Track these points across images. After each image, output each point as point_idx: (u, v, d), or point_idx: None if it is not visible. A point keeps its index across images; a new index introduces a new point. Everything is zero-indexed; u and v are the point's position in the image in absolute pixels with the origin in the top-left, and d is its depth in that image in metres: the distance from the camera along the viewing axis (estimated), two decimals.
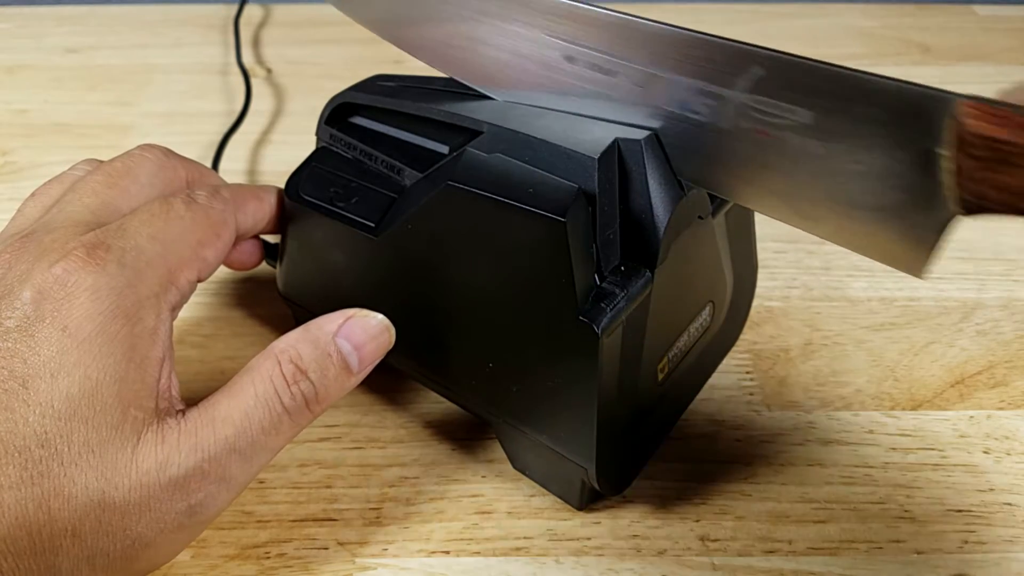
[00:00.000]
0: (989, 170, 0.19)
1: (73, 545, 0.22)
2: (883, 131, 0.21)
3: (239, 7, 0.63)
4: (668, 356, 0.29)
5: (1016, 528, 0.30)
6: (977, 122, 0.19)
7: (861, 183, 0.22)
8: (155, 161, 0.29)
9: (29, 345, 0.22)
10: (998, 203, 0.20)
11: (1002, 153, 0.19)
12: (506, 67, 0.27)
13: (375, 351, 0.27)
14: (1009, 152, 0.19)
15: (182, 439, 0.23)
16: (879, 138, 0.21)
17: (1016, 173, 0.19)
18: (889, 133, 0.21)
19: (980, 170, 0.19)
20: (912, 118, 0.20)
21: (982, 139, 0.19)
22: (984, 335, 0.37)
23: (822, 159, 0.22)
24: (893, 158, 0.21)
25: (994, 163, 0.19)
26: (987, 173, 0.19)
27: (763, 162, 0.23)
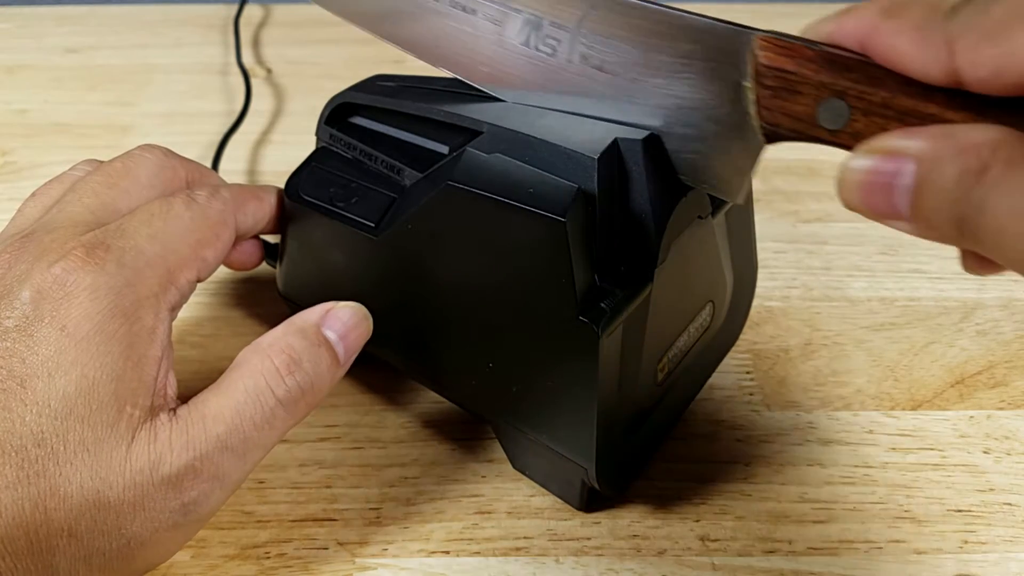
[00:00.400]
0: (779, 98, 0.21)
1: (69, 545, 0.22)
2: (699, 65, 0.23)
3: (239, 7, 0.63)
4: (668, 356, 0.29)
5: (1016, 528, 0.30)
6: (768, 54, 0.21)
7: (684, 115, 0.24)
8: (155, 161, 0.29)
9: (28, 345, 0.22)
10: (790, 130, 0.22)
11: (789, 82, 0.21)
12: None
13: (357, 340, 0.27)
14: (794, 81, 0.21)
15: (174, 437, 0.23)
16: (695, 72, 0.23)
17: (800, 100, 0.21)
18: (704, 67, 0.23)
19: (772, 98, 0.21)
20: (721, 52, 0.22)
21: (772, 70, 0.21)
22: (984, 335, 0.37)
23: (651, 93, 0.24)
24: (708, 90, 0.23)
25: (783, 91, 0.21)
26: (778, 101, 0.21)
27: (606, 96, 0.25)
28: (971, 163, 0.16)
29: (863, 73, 0.20)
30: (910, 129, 0.18)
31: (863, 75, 0.20)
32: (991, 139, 0.16)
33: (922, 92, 0.19)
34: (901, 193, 0.17)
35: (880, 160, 0.18)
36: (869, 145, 0.18)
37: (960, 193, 0.16)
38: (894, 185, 0.18)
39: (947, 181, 0.17)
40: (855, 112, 0.20)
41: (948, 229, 0.17)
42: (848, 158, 0.19)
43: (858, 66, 0.20)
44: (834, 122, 0.21)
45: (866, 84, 0.20)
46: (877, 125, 0.20)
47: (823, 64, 0.20)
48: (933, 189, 0.17)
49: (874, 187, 0.18)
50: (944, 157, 0.17)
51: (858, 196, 0.18)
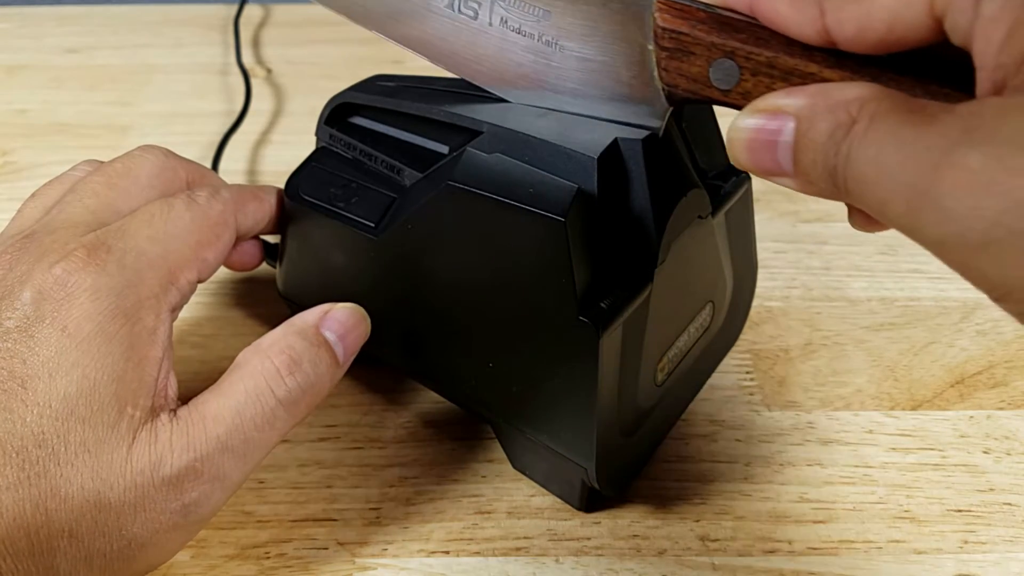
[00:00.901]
0: (675, 59, 0.22)
1: (70, 546, 0.22)
2: (606, 28, 0.24)
3: (239, 7, 0.63)
4: (668, 356, 0.29)
5: (1016, 528, 0.30)
6: (664, 15, 0.22)
7: (593, 77, 0.25)
8: (155, 162, 0.29)
9: (29, 346, 0.22)
10: (687, 91, 0.23)
11: (683, 43, 0.22)
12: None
13: (356, 341, 0.27)
14: (688, 42, 0.22)
15: (175, 438, 0.23)
16: (603, 35, 0.24)
17: (694, 61, 0.22)
18: (611, 30, 0.23)
19: (669, 59, 0.22)
20: (627, 16, 0.23)
21: (668, 31, 0.22)
22: (984, 335, 0.37)
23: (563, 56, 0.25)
24: (616, 53, 0.24)
25: (678, 52, 0.22)
26: (674, 62, 0.22)
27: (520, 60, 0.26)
28: (841, 118, 0.17)
29: (751, 34, 0.21)
30: (791, 89, 0.19)
31: (751, 36, 0.21)
32: (859, 95, 0.17)
33: (803, 52, 0.20)
34: (783, 149, 0.18)
35: (764, 118, 0.19)
36: (754, 104, 0.19)
37: (831, 146, 0.17)
38: (777, 142, 0.18)
39: (820, 135, 0.18)
40: (744, 72, 0.21)
41: (824, 183, 0.18)
42: (736, 117, 0.20)
43: (746, 27, 0.21)
44: (726, 82, 0.22)
45: (753, 44, 0.21)
46: (764, 85, 0.21)
47: (714, 25, 0.21)
48: (809, 144, 0.18)
49: (759, 144, 0.19)
50: (818, 113, 0.18)
51: (745, 154, 0.19)
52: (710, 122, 0.29)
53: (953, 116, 0.16)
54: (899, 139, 0.16)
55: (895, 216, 0.17)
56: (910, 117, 0.16)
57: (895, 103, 0.17)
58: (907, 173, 0.16)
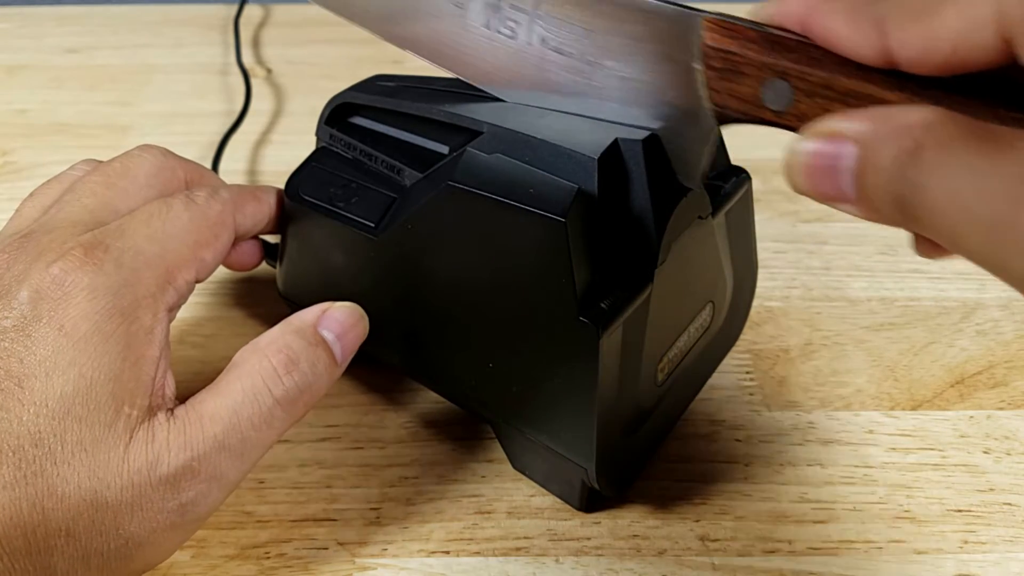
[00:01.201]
0: (726, 79, 0.22)
1: (68, 545, 0.22)
2: (650, 47, 0.23)
3: (239, 7, 0.63)
4: (668, 356, 0.29)
5: (1016, 528, 0.30)
6: (713, 35, 0.21)
7: (637, 97, 0.24)
8: (154, 162, 0.29)
9: (25, 345, 0.22)
10: (737, 111, 0.22)
11: (733, 63, 0.21)
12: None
13: (354, 340, 0.27)
14: (738, 62, 0.21)
15: (172, 437, 0.23)
16: (647, 54, 0.23)
17: (745, 81, 0.21)
18: (656, 49, 0.23)
19: (719, 80, 0.22)
20: (672, 35, 0.22)
21: (718, 51, 0.21)
22: (984, 335, 0.37)
23: (605, 76, 0.24)
24: (661, 72, 0.23)
25: (728, 72, 0.22)
26: (724, 83, 0.22)
27: (560, 80, 0.25)
28: (906, 143, 0.16)
29: (804, 54, 0.20)
30: (851, 111, 0.18)
31: (804, 55, 0.20)
32: (925, 119, 0.17)
33: (861, 73, 0.19)
34: (845, 175, 0.18)
35: (823, 143, 0.18)
36: (812, 128, 0.19)
37: (897, 174, 0.17)
38: (838, 167, 0.18)
39: (885, 162, 0.17)
40: (798, 93, 0.21)
41: (890, 210, 0.17)
42: (793, 141, 0.19)
43: (799, 47, 0.20)
44: (778, 103, 0.21)
45: (807, 65, 0.20)
46: (820, 106, 0.20)
47: (765, 45, 0.21)
48: (873, 170, 0.17)
49: (819, 170, 0.18)
50: (881, 138, 0.17)
51: (804, 179, 0.19)
52: None
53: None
54: (972, 168, 0.16)
55: (972, 249, 0.16)
56: (982, 145, 0.16)
57: (963, 128, 0.16)
58: (985, 205, 0.15)
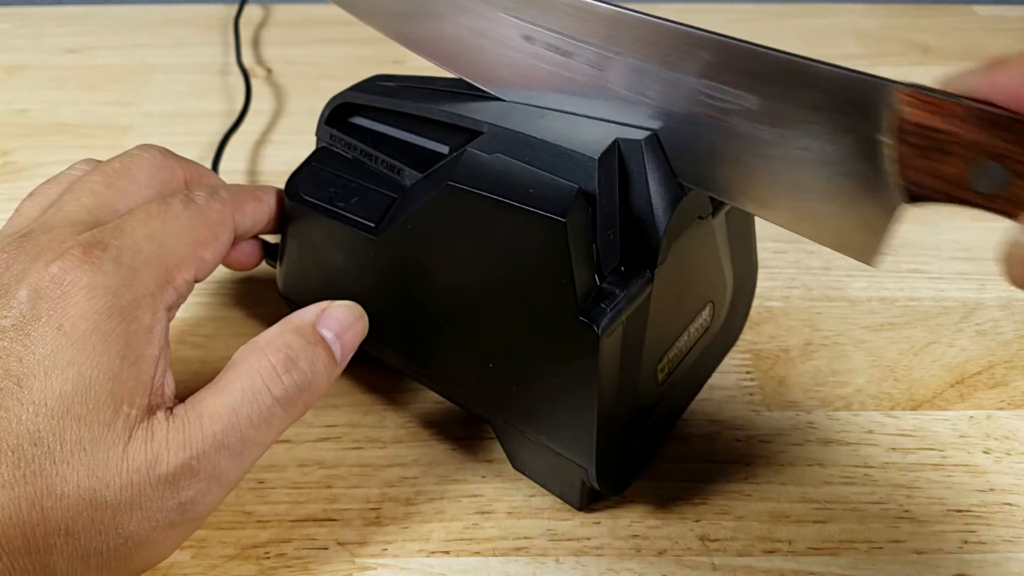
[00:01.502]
0: (926, 158, 0.20)
1: (67, 544, 0.22)
2: (826, 117, 0.21)
3: (239, 7, 0.63)
4: (668, 356, 0.29)
5: (1016, 528, 0.30)
6: (913, 110, 0.19)
7: (809, 169, 0.22)
8: (153, 161, 0.29)
9: (24, 344, 0.22)
10: (936, 191, 0.20)
11: (937, 141, 0.19)
12: (467, 46, 0.27)
13: (353, 339, 0.27)
14: (943, 140, 0.19)
15: (171, 436, 0.23)
16: (822, 124, 0.21)
17: (950, 161, 0.19)
18: (832, 119, 0.21)
19: (917, 158, 0.20)
20: (852, 105, 0.21)
21: (918, 127, 0.19)
22: (984, 335, 0.37)
23: (770, 144, 0.22)
24: (837, 144, 0.21)
25: (930, 151, 0.20)
26: (924, 161, 0.20)
27: (714, 147, 0.24)
28: None
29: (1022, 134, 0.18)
30: None
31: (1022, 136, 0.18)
32: None
33: None
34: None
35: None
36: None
37: None
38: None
39: None
40: (1014, 177, 0.19)
41: None
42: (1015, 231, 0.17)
43: (1016, 125, 0.18)
44: (990, 186, 0.19)
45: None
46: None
47: (977, 123, 0.19)
48: None
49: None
50: None
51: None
52: None
53: None
54: None
55: None
56: None
57: None
58: None
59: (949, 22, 0.66)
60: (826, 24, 0.66)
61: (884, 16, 0.67)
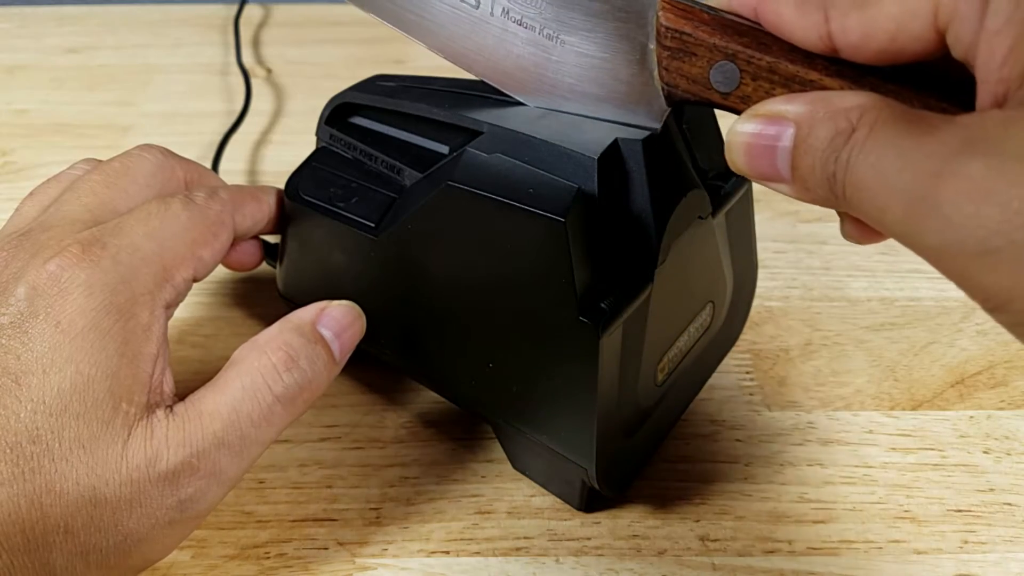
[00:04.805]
0: (677, 59, 0.22)
1: (66, 541, 0.22)
2: (608, 25, 0.23)
3: (239, 7, 0.63)
4: (668, 356, 0.29)
5: (1016, 528, 0.30)
6: (668, 15, 0.22)
7: (592, 74, 0.25)
8: (153, 161, 0.29)
9: (23, 341, 0.22)
10: (687, 92, 0.23)
11: (686, 44, 0.22)
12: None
13: (352, 338, 0.27)
14: (691, 43, 0.22)
15: (171, 434, 0.23)
16: (605, 32, 0.24)
17: (696, 62, 0.22)
18: (614, 27, 0.23)
19: (671, 59, 0.22)
20: (630, 14, 0.23)
21: (671, 31, 0.22)
22: (984, 335, 0.37)
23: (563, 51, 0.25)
24: (616, 50, 0.24)
25: (680, 52, 0.22)
26: (676, 62, 0.22)
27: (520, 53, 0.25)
28: (841, 125, 0.17)
29: (753, 38, 0.21)
30: (792, 95, 0.19)
31: (753, 40, 0.21)
32: (860, 103, 0.17)
33: (805, 59, 0.20)
34: (782, 155, 0.19)
35: (763, 123, 0.19)
36: (754, 109, 0.19)
37: (830, 153, 0.18)
38: (776, 147, 0.19)
39: (820, 142, 0.18)
40: (744, 76, 0.21)
41: (822, 190, 0.18)
42: (735, 122, 0.20)
43: (749, 31, 0.21)
44: (726, 85, 0.22)
45: (755, 49, 0.21)
46: (764, 90, 0.21)
47: (717, 27, 0.21)
48: (808, 151, 0.18)
49: (757, 149, 0.19)
50: (818, 120, 0.18)
51: (743, 158, 0.19)
52: (710, 123, 0.29)
53: (954, 126, 0.16)
54: (899, 147, 0.16)
55: (893, 223, 0.17)
56: (910, 127, 0.17)
57: (895, 112, 0.17)
58: (906, 180, 0.16)
59: None
60: None
61: None
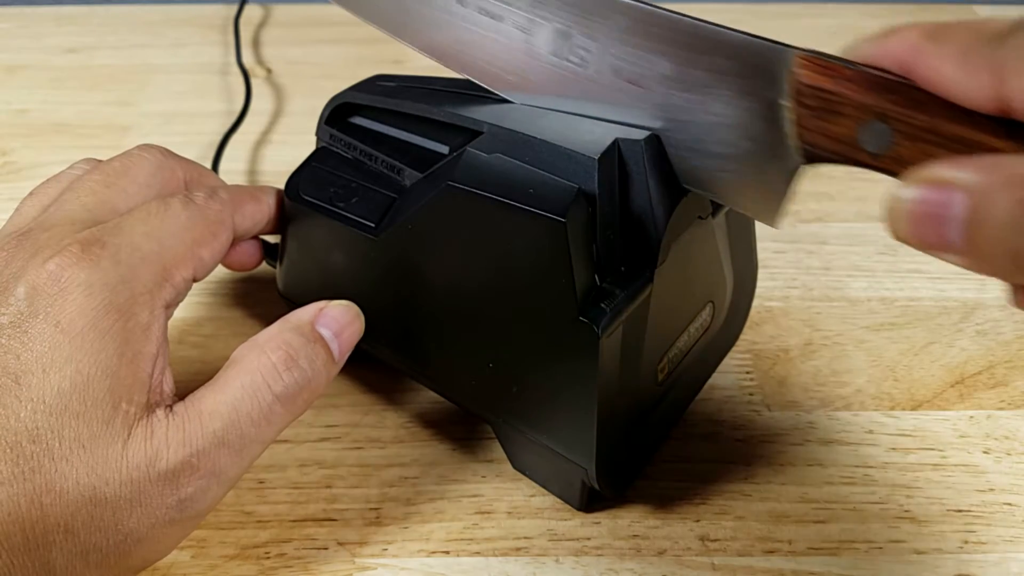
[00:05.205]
0: (819, 119, 0.21)
1: (66, 541, 0.22)
2: (734, 82, 0.22)
3: (239, 7, 0.63)
4: (668, 356, 0.29)
5: (1016, 528, 0.30)
6: (808, 72, 0.21)
7: (717, 133, 0.23)
8: (153, 161, 0.29)
9: (22, 341, 0.22)
10: (829, 151, 0.21)
11: (829, 102, 0.21)
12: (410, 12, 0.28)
13: (351, 338, 0.27)
14: (834, 101, 0.20)
15: (171, 433, 0.23)
16: (730, 88, 0.22)
17: (841, 121, 0.20)
18: (739, 84, 0.22)
19: (812, 119, 0.21)
20: (757, 69, 0.22)
21: (812, 89, 0.21)
22: (984, 335, 0.37)
23: (683, 109, 0.23)
24: (743, 108, 0.22)
25: (823, 112, 0.21)
26: (818, 122, 0.21)
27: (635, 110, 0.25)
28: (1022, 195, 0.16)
29: (906, 96, 0.19)
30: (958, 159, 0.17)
31: (906, 98, 0.19)
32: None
33: (968, 118, 0.19)
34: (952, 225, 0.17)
35: (929, 190, 0.17)
36: (917, 175, 0.18)
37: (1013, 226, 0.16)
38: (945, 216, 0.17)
39: (1000, 212, 0.16)
40: (898, 136, 0.20)
41: (1005, 263, 0.17)
42: (896, 187, 0.18)
43: (901, 88, 0.19)
44: (876, 145, 0.20)
45: (910, 107, 0.19)
46: (921, 151, 0.19)
47: (864, 85, 0.20)
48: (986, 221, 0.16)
49: (924, 218, 0.17)
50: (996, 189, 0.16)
51: (907, 227, 0.18)
52: None
53: None
54: None
55: None
56: None
57: None
58: None
59: None
60: (826, 24, 0.66)
61: (884, 16, 0.67)
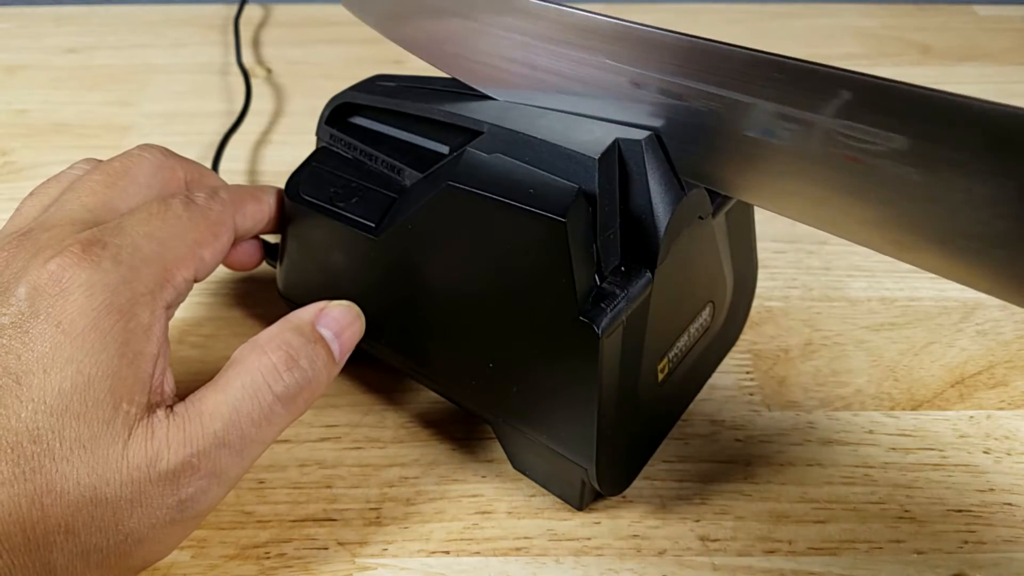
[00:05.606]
0: None
1: (67, 541, 0.22)
2: (987, 158, 0.19)
3: (239, 7, 0.63)
4: (668, 356, 0.29)
5: (1016, 528, 0.30)
6: None
7: (963, 212, 0.20)
8: (154, 161, 0.29)
9: (23, 341, 0.22)
10: None
11: None
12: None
13: (351, 338, 0.27)
14: None
15: (171, 434, 0.23)
16: (983, 165, 0.19)
17: None
18: (994, 159, 0.19)
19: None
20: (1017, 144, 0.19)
21: None
22: (984, 335, 0.37)
23: (920, 187, 0.21)
24: (999, 186, 0.19)
25: None
26: None
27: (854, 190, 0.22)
28: None
29: None
30: None
31: None
32: None
33: None
34: None
35: None
36: None
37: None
38: None
39: None
40: None
41: None
42: None
43: None
44: None
45: None
46: None
47: None
48: None
49: None
50: None
51: None
52: None
53: None
54: None
55: None
56: None
57: None
58: None
59: (949, 22, 0.66)
60: (826, 24, 0.66)
61: (884, 16, 0.67)
